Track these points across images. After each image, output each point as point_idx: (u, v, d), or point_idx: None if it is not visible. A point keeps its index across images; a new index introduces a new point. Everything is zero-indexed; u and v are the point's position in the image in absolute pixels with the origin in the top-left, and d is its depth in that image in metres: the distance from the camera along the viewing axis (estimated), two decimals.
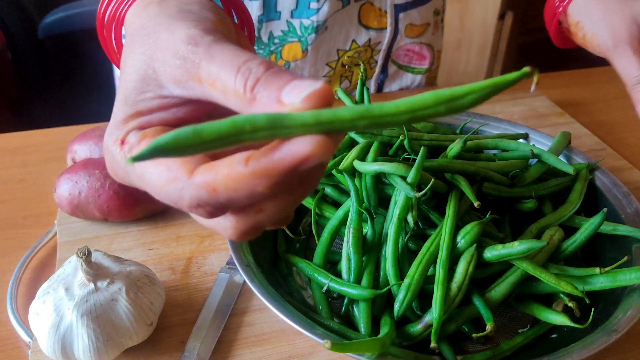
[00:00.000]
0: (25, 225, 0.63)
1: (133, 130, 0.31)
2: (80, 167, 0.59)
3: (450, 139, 0.58)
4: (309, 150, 0.24)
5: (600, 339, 0.43)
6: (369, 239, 0.51)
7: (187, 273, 0.56)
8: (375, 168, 0.51)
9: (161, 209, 0.62)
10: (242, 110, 0.28)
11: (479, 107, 0.84)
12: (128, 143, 0.31)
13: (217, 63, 0.28)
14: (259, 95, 0.27)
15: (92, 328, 0.44)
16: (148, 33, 0.32)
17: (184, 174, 0.27)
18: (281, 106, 0.26)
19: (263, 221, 0.29)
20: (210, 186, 0.26)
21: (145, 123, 0.31)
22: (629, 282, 0.46)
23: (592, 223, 0.52)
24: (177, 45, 0.30)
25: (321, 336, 0.42)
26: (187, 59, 0.29)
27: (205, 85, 0.29)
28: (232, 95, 0.28)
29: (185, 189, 0.27)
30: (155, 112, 0.31)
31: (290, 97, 0.26)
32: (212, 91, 0.29)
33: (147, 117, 0.31)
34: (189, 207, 0.28)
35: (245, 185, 0.26)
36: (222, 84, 0.28)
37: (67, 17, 1.46)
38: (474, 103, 0.24)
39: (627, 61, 0.61)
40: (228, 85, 0.28)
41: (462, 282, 0.47)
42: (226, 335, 0.50)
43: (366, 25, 0.83)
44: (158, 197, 0.29)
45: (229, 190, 0.26)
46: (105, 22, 0.41)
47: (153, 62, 0.31)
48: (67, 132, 0.78)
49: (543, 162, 0.59)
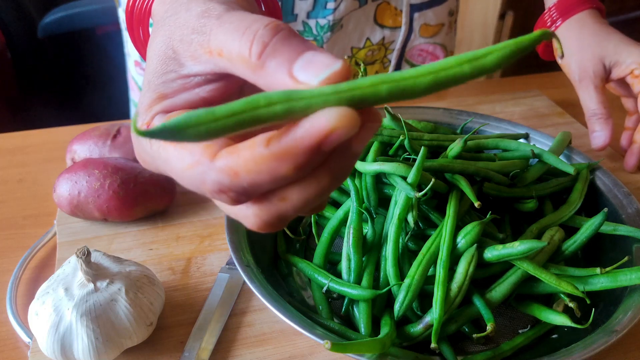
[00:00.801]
0: (25, 225, 0.63)
1: (158, 114, 0.30)
2: (79, 167, 0.59)
3: (450, 139, 0.58)
4: (330, 124, 0.23)
5: (601, 339, 0.43)
6: (369, 239, 0.51)
7: (187, 273, 0.56)
8: (375, 168, 0.51)
9: (161, 209, 0.62)
10: (249, 78, 0.26)
11: (479, 107, 0.84)
12: None
13: (223, 30, 0.27)
14: (267, 63, 0.25)
15: (91, 328, 0.44)
16: (170, 15, 0.31)
17: (206, 158, 0.26)
18: (293, 83, 0.24)
19: (287, 211, 0.27)
20: (232, 170, 0.25)
21: (170, 106, 0.30)
22: (630, 282, 0.46)
23: (592, 223, 0.52)
24: (192, 21, 0.29)
25: (321, 336, 0.42)
26: (200, 31, 0.28)
27: (215, 56, 0.27)
28: (239, 62, 0.26)
29: (207, 172, 0.26)
30: (179, 94, 0.30)
31: (306, 76, 0.24)
32: (221, 61, 0.27)
33: (171, 100, 0.30)
34: (211, 192, 0.27)
35: (266, 168, 0.24)
36: (227, 51, 0.26)
37: (67, 16, 1.46)
38: (498, 62, 0.23)
39: (588, 95, 0.71)
40: (233, 50, 0.26)
41: (462, 283, 0.47)
42: (226, 335, 0.50)
43: (381, 24, 0.83)
44: (181, 182, 0.28)
45: (251, 173, 0.25)
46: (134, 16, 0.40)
47: (172, 41, 0.30)
48: (66, 132, 0.78)
49: (543, 162, 0.59)
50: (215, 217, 0.63)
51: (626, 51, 0.69)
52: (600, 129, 0.70)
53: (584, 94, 0.71)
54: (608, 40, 0.70)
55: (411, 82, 0.23)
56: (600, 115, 0.70)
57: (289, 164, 0.24)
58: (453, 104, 0.84)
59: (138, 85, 0.91)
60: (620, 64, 0.69)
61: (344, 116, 0.22)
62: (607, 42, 0.70)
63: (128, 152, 0.64)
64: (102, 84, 1.44)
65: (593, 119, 0.70)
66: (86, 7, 1.47)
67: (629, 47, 0.69)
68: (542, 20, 0.76)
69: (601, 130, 0.69)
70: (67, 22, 1.47)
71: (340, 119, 0.22)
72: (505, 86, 0.95)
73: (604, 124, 0.69)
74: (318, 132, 0.23)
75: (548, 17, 0.75)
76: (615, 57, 0.69)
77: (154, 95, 0.30)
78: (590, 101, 0.70)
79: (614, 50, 0.69)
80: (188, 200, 0.65)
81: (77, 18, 1.47)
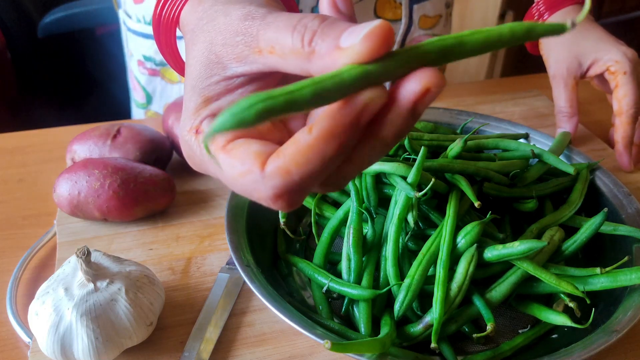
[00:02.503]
0: (25, 225, 0.63)
1: (206, 118, 0.31)
2: (79, 167, 0.59)
3: (450, 138, 0.58)
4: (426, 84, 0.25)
5: (601, 339, 0.43)
6: (369, 239, 0.51)
7: (187, 273, 0.56)
8: (375, 168, 0.51)
9: (161, 209, 0.62)
10: (302, 69, 0.27)
11: (479, 107, 0.84)
12: (203, 132, 0.31)
13: (273, 28, 0.28)
14: (318, 47, 0.26)
15: (91, 328, 0.44)
16: (207, 22, 0.32)
17: (257, 168, 0.27)
18: (340, 52, 0.25)
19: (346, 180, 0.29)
20: (282, 169, 0.26)
21: (217, 109, 0.31)
22: (630, 282, 0.46)
23: (592, 223, 0.52)
24: (235, 24, 0.30)
25: (321, 336, 0.42)
26: (246, 33, 0.29)
27: (265, 54, 0.28)
28: (291, 56, 0.27)
29: (259, 181, 0.27)
30: (223, 96, 0.31)
31: (349, 40, 0.25)
32: (271, 58, 0.28)
33: (217, 103, 0.32)
34: (266, 199, 0.28)
35: (314, 154, 0.25)
36: (280, 47, 0.28)
37: (67, 16, 1.46)
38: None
39: (558, 92, 0.74)
40: (286, 45, 0.27)
41: (462, 283, 0.47)
42: (226, 335, 0.50)
43: (381, 17, 0.84)
44: (232, 188, 0.30)
45: (301, 165, 0.26)
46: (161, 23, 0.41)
47: (214, 46, 0.31)
48: (66, 132, 0.78)
49: (543, 162, 0.59)
50: (215, 217, 0.63)
51: (604, 49, 0.70)
52: (564, 126, 0.73)
53: (555, 90, 0.74)
54: (587, 38, 0.72)
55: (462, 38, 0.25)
56: (565, 113, 0.73)
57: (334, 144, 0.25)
58: (453, 104, 0.84)
59: (141, 85, 0.91)
60: (597, 61, 0.71)
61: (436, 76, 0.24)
62: (585, 40, 0.72)
63: (128, 152, 0.64)
64: (102, 84, 1.44)
65: (559, 115, 0.74)
66: (86, 7, 1.47)
67: (607, 45, 0.71)
68: (529, 14, 0.78)
69: (565, 127, 0.73)
70: (67, 22, 1.46)
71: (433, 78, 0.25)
72: (505, 86, 0.95)
73: (568, 122, 0.73)
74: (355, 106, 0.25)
75: (536, 10, 0.77)
76: (593, 55, 0.71)
77: (199, 99, 0.32)
78: (559, 98, 0.74)
79: (593, 47, 0.71)
80: (188, 200, 0.65)
81: (77, 18, 1.47)
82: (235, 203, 0.55)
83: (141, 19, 0.84)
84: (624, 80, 0.68)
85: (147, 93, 0.92)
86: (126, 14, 0.87)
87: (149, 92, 0.91)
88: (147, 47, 0.86)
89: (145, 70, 0.89)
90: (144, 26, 0.84)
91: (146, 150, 0.64)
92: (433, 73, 0.25)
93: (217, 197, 0.66)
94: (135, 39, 0.87)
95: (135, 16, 0.84)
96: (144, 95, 0.92)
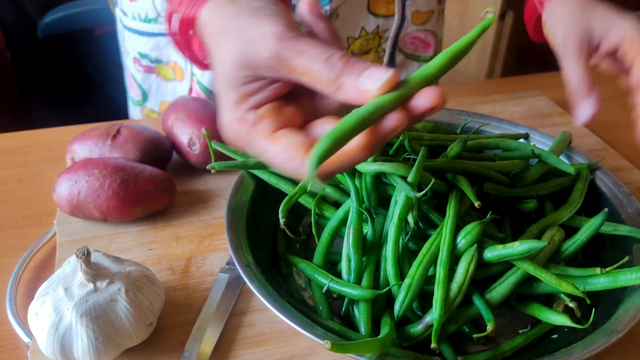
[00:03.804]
0: (25, 225, 0.63)
1: (249, 109, 0.39)
2: (79, 167, 0.59)
3: (450, 138, 0.58)
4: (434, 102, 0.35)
5: (601, 340, 0.43)
6: (369, 239, 0.51)
7: (187, 273, 0.56)
8: (375, 168, 0.51)
9: (161, 209, 0.62)
10: (327, 93, 0.36)
11: (479, 107, 0.84)
12: (247, 121, 0.39)
13: (306, 58, 0.36)
14: (343, 84, 0.35)
15: (91, 328, 0.43)
16: (233, 31, 0.39)
17: (302, 155, 0.36)
18: (362, 94, 0.35)
19: None
20: None
21: (256, 103, 0.39)
22: (630, 282, 0.46)
23: (592, 223, 0.52)
24: (267, 41, 0.37)
25: (321, 337, 0.42)
26: (279, 54, 0.36)
27: (297, 74, 0.37)
28: (319, 82, 0.36)
29: (302, 167, 0.36)
30: (259, 92, 0.39)
31: (368, 84, 0.34)
32: (302, 79, 0.37)
33: (254, 98, 0.39)
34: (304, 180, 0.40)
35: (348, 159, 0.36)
36: (311, 75, 0.36)
37: (67, 16, 1.46)
38: None
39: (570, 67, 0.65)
40: (317, 76, 0.36)
41: (462, 283, 0.47)
42: (226, 335, 0.50)
43: (374, 13, 0.85)
44: (275, 168, 0.39)
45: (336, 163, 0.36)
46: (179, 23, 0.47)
47: (246, 54, 0.38)
48: (66, 132, 0.78)
49: (544, 162, 0.59)
50: (215, 217, 0.63)
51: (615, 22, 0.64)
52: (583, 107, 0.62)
53: (567, 65, 0.65)
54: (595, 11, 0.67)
55: None
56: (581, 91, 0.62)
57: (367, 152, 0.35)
58: (453, 104, 0.84)
59: (137, 82, 0.92)
60: (609, 34, 0.64)
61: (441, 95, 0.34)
62: (594, 13, 0.66)
63: (128, 152, 0.64)
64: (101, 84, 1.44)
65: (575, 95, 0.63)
66: (86, 7, 1.47)
67: (617, 18, 0.64)
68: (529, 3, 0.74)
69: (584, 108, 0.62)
70: (66, 22, 1.47)
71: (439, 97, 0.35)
72: (505, 86, 0.95)
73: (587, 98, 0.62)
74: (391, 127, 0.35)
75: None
76: (603, 27, 0.64)
77: (237, 95, 0.39)
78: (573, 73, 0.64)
79: (602, 20, 0.65)
80: (188, 200, 0.65)
81: (76, 18, 1.47)
82: (235, 203, 0.55)
83: (136, 16, 0.84)
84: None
85: (143, 90, 0.92)
86: (122, 12, 0.87)
87: (144, 89, 0.92)
88: (142, 44, 0.86)
89: (141, 67, 0.89)
90: (140, 23, 0.84)
91: (146, 150, 0.64)
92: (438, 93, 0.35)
93: (217, 197, 0.66)
94: (131, 37, 0.87)
95: (131, 14, 0.85)
96: (140, 93, 0.93)
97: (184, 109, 0.69)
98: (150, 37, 0.85)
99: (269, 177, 0.58)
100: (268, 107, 0.39)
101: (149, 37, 0.85)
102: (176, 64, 0.87)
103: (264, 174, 0.59)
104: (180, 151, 0.68)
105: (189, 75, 0.86)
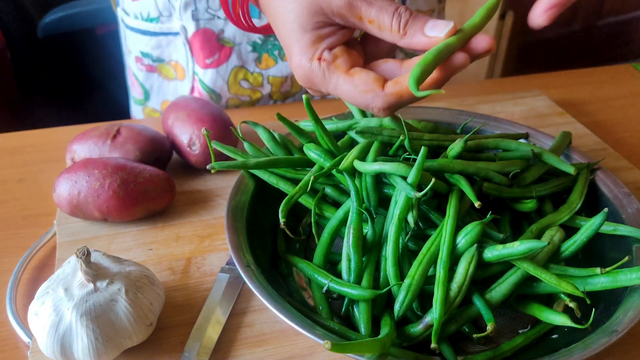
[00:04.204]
0: (25, 225, 0.63)
1: (325, 49, 0.45)
2: (79, 167, 0.59)
3: (450, 139, 0.58)
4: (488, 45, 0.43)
5: (601, 340, 0.43)
6: (369, 239, 0.51)
7: (187, 273, 0.56)
8: (375, 168, 0.51)
9: (161, 209, 0.62)
10: (392, 40, 0.43)
11: (479, 107, 0.84)
12: (325, 59, 0.44)
13: (376, 9, 0.42)
14: (409, 31, 0.42)
15: (91, 328, 0.43)
16: None
17: (379, 87, 0.43)
18: (429, 40, 0.42)
19: None
20: (397, 93, 0.43)
21: (330, 44, 0.45)
22: (630, 282, 0.46)
23: (592, 223, 0.52)
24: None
25: (321, 337, 0.42)
26: (351, 3, 0.42)
27: (365, 22, 0.43)
28: (387, 31, 0.42)
29: (378, 97, 0.43)
30: (331, 36, 0.45)
31: (434, 32, 0.42)
32: (369, 27, 0.43)
33: (329, 40, 0.45)
34: (378, 109, 0.44)
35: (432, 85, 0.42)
36: (380, 24, 0.42)
37: (67, 16, 1.46)
38: None
39: None
40: (386, 25, 0.42)
41: (462, 283, 0.47)
42: (226, 335, 0.50)
43: None
44: (349, 101, 0.45)
45: (410, 94, 0.42)
46: None
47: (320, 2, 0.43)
48: (66, 132, 0.78)
49: (544, 162, 0.59)
50: (215, 217, 0.63)
51: None
52: None
53: None
54: None
55: None
56: None
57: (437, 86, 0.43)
58: (453, 104, 0.84)
59: (139, 81, 0.92)
60: None
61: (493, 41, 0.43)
62: None
63: (128, 152, 0.64)
64: (102, 83, 1.44)
65: None
66: (86, 7, 1.47)
67: None
68: None
69: None
70: (66, 22, 1.46)
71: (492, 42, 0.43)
72: (505, 86, 0.95)
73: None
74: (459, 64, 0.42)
75: None
76: None
77: (313, 37, 0.44)
78: None
79: None
80: (188, 200, 0.65)
81: (77, 18, 1.47)
82: (235, 203, 0.55)
83: (138, 15, 0.84)
84: None
85: (145, 89, 0.92)
86: (124, 12, 0.87)
87: (146, 88, 0.92)
88: (144, 43, 0.86)
89: (142, 66, 0.89)
90: (142, 23, 0.85)
91: (146, 150, 0.64)
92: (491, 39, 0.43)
93: (217, 197, 0.66)
94: (133, 36, 0.87)
95: (133, 13, 0.85)
96: (142, 92, 0.93)
97: (184, 109, 0.69)
98: (152, 36, 0.85)
99: (269, 177, 0.58)
100: (341, 47, 0.45)
101: (151, 36, 0.85)
102: (178, 63, 0.87)
103: (264, 174, 0.59)
104: (180, 151, 0.68)
105: (190, 74, 0.87)
